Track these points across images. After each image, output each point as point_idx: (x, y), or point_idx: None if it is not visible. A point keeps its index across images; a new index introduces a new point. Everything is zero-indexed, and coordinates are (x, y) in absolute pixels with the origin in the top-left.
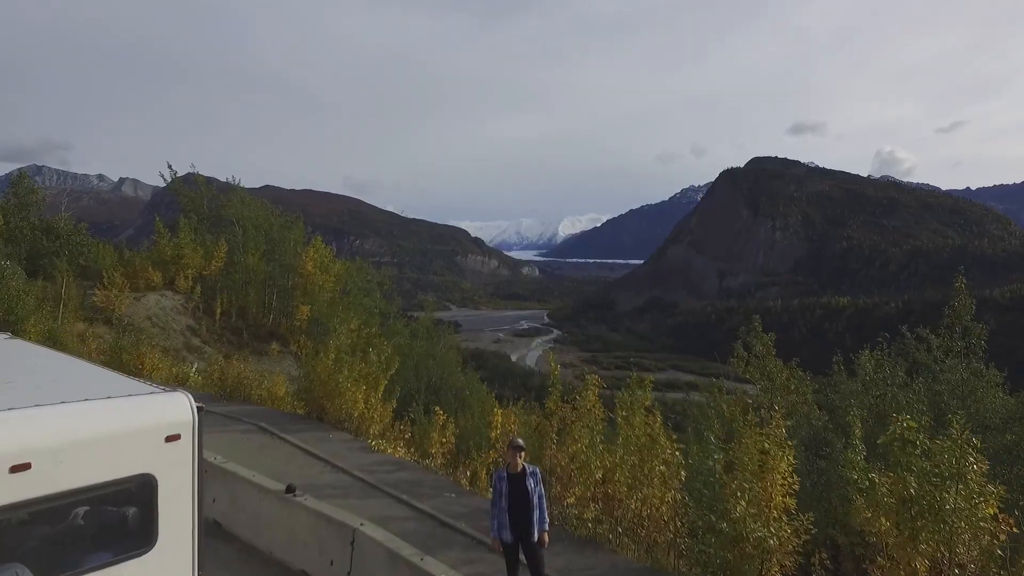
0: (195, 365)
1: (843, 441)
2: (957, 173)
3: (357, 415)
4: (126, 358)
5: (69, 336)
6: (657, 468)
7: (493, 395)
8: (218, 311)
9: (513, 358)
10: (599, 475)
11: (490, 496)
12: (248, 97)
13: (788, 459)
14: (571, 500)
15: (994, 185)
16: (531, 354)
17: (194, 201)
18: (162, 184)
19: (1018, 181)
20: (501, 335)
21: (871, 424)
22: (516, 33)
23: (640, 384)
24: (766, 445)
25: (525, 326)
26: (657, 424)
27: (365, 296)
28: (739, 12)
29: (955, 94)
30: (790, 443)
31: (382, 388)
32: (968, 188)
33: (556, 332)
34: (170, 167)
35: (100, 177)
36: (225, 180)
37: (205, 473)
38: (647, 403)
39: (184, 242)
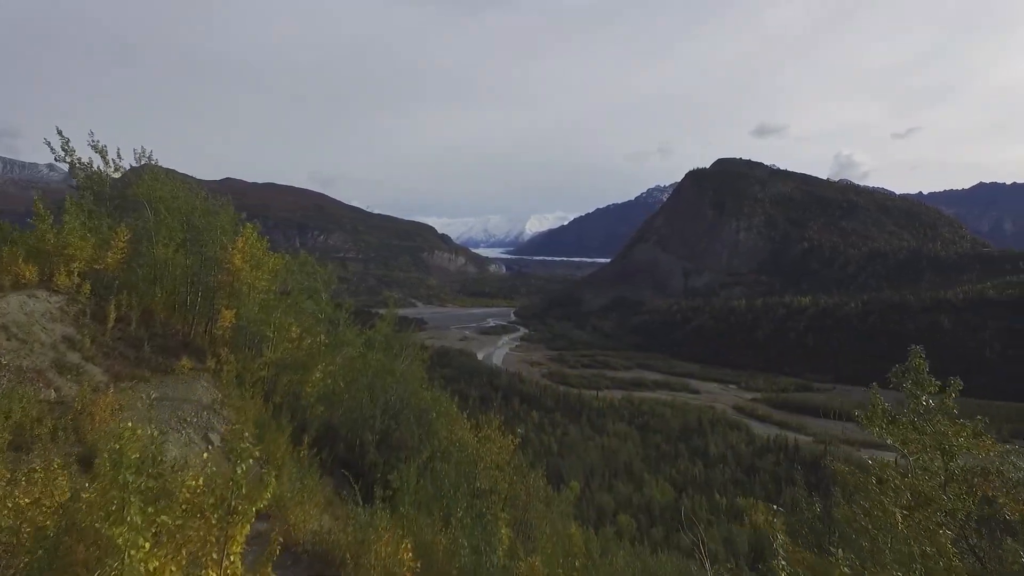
0: None
1: None
2: (911, 178)
3: None
4: None
5: None
6: None
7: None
8: (112, 316)
9: (479, 356)
10: None
11: None
12: (210, 87)
13: None
14: None
15: (944, 190)
16: (497, 352)
17: (92, 179)
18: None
19: (967, 187)
20: (467, 333)
21: None
22: (487, 28)
23: None
24: None
25: (492, 324)
26: None
27: (307, 298)
28: (706, 13)
29: (912, 101)
30: None
31: (238, 544)
32: (921, 192)
33: (523, 330)
34: (60, 134)
35: (50, 167)
36: (136, 155)
37: None
38: None
39: (71, 227)
